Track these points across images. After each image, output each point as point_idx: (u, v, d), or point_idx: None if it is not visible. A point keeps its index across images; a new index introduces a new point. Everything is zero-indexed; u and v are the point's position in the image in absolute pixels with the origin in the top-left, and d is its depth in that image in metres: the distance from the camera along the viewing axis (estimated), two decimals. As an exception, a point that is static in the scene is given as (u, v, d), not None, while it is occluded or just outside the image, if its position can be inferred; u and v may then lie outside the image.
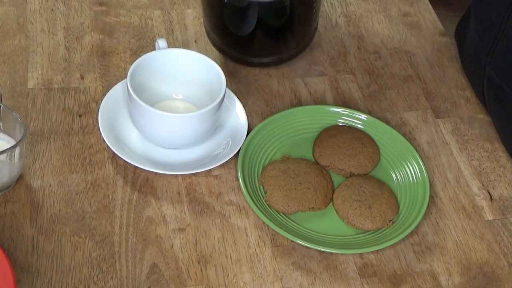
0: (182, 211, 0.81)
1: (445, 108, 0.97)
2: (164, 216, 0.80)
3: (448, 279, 0.79)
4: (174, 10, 1.03)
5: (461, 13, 1.04)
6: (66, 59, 0.94)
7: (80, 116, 0.88)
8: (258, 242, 0.79)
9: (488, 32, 0.90)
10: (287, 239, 0.80)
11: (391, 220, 0.82)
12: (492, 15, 0.89)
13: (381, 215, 0.82)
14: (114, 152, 0.83)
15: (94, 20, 1.00)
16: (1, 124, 0.80)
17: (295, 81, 0.97)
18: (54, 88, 0.91)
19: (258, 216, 0.80)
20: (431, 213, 0.85)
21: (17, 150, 0.76)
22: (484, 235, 0.83)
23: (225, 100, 0.84)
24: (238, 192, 0.83)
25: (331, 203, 0.84)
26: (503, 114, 0.89)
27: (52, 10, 1.01)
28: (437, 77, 1.01)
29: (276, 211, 0.82)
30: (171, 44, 0.98)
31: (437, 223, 0.84)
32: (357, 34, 1.05)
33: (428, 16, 1.10)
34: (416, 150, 0.88)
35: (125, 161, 0.82)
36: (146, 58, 0.85)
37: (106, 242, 0.77)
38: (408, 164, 0.87)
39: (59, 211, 0.79)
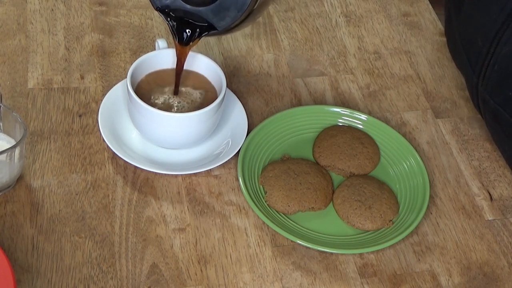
0: (182, 211, 0.81)
1: (445, 108, 0.97)
2: (164, 216, 0.80)
3: (448, 279, 0.79)
4: (174, 10, 1.03)
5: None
6: (66, 59, 0.94)
7: (80, 116, 0.88)
8: (258, 242, 0.79)
9: (475, 55, 0.86)
10: (287, 239, 0.79)
11: (391, 220, 0.82)
12: (478, 40, 0.85)
13: (381, 215, 0.82)
14: (114, 152, 0.83)
15: (94, 20, 1.00)
16: (1, 124, 0.80)
17: (295, 81, 0.97)
18: (54, 88, 0.91)
19: (258, 216, 0.80)
20: (431, 213, 0.85)
21: (17, 150, 0.76)
22: (484, 235, 0.83)
23: (225, 100, 0.84)
24: (238, 192, 0.83)
25: (331, 203, 0.84)
26: (502, 133, 0.86)
27: (52, 10, 1.01)
28: (437, 77, 1.01)
29: (276, 211, 0.82)
30: (171, 44, 0.97)
31: (437, 223, 0.84)
32: (357, 34, 1.05)
33: (428, 16, 1.10)
34: (416, 150, 0.88)
35: (125, 161, 0.82)
36: (146, 58, 0.85)
37: (106, 242, 0.77)
38: (408, 164, 0.87)
39: (59, 211, 0.79)
